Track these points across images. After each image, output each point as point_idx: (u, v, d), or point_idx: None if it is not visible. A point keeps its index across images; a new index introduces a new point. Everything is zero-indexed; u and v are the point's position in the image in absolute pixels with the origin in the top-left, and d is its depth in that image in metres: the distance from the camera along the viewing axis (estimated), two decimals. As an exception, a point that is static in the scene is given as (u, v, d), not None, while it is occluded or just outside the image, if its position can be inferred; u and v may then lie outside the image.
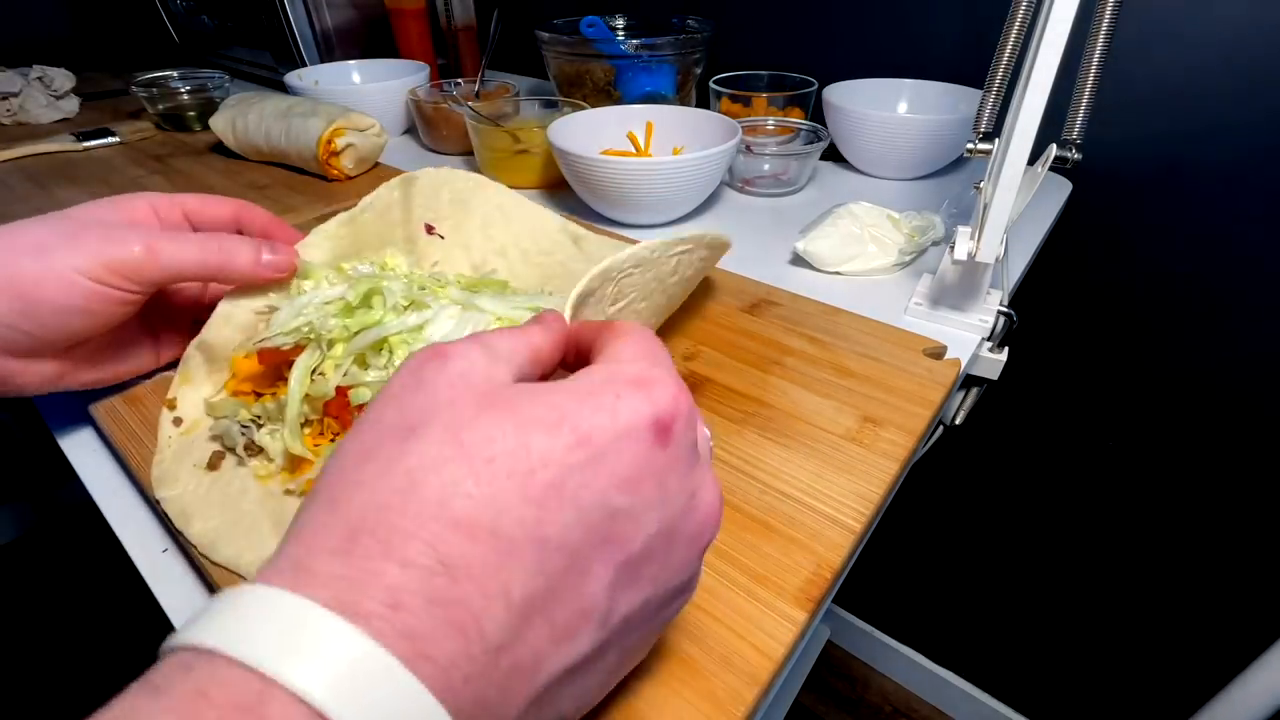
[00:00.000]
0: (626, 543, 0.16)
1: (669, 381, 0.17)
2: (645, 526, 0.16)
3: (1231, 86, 0.53)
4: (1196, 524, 0.73)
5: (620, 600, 0.16)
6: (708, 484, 0.18)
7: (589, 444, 0.15)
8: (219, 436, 0.31)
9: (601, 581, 0.15)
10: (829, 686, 1.17)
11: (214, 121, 0.68)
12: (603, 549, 0.15)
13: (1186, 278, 0.62)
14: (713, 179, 0.53)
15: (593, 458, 0.15)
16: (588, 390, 0.16)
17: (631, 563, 0.16)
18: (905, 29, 0.67)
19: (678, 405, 0.17)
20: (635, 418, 0.16)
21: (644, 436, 0.16)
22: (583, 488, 0.15)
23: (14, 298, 0.27)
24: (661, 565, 0.17)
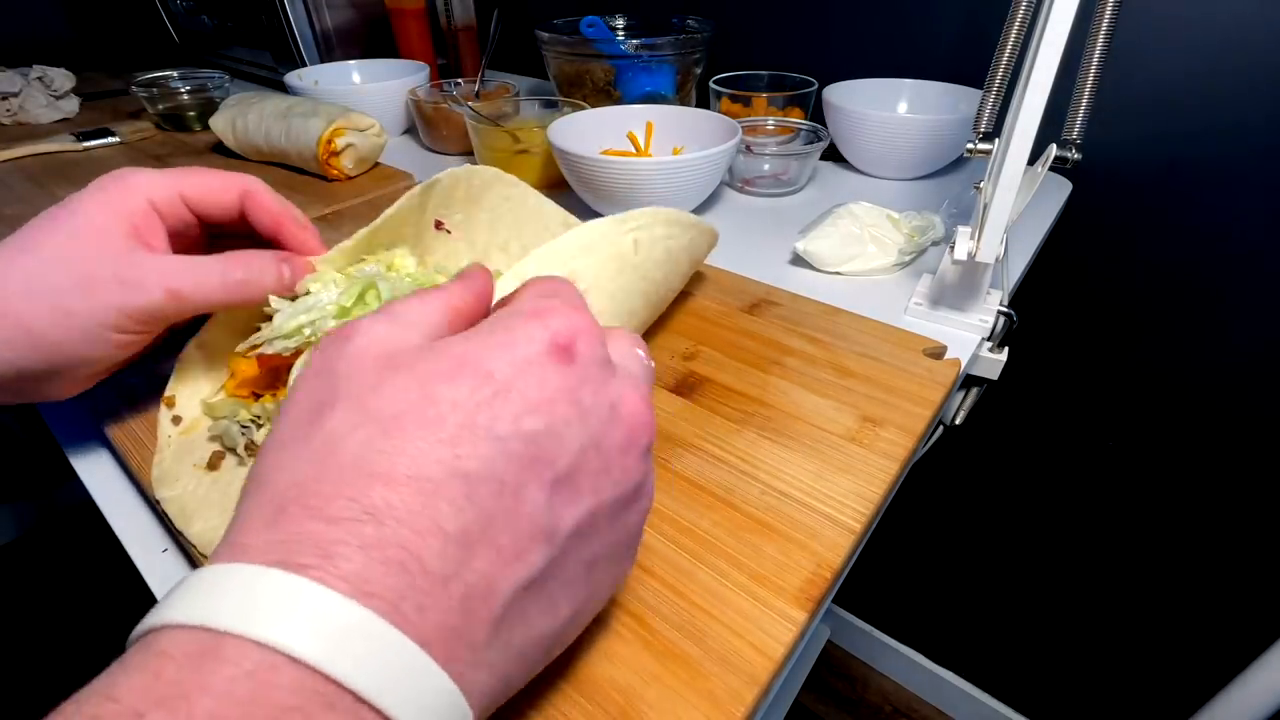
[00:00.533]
0: (553, 461, 0.16)
1: (564, 308, 0.18)
2: (568, 442, 0.17)
3: (1232, 86, 0.53)
4: (1196, 524, 0.73)
5: (563, 514, 0.17)
6: (627, 392, 0.19)
7: (491, 379, 0.16)
8: (218, 437, 0.31)
9: (537, 501, 0.16)
10: (829, 686, 1.17)
11: (214, 121, 0.68)
12: (531, 471, 0.16)
13: (1186, 277, 0.62)
14: (713, 179, 0.53)
15: (498, 391, 0.16)
16: (486, 331, 0.17)
17: (564, 478, 0.17)
18: (905, 29, 0.67)
19: (574, 326, 0.18)
20: (532, 345, 0.17)
21: (545, 360, 0.17)
22: (495, 420, 0.16)
23: (33, 348, 0.26)
24: (598, 475, 0.17)
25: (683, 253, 0.36)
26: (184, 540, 0.28)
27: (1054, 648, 0.93)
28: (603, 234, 0.30)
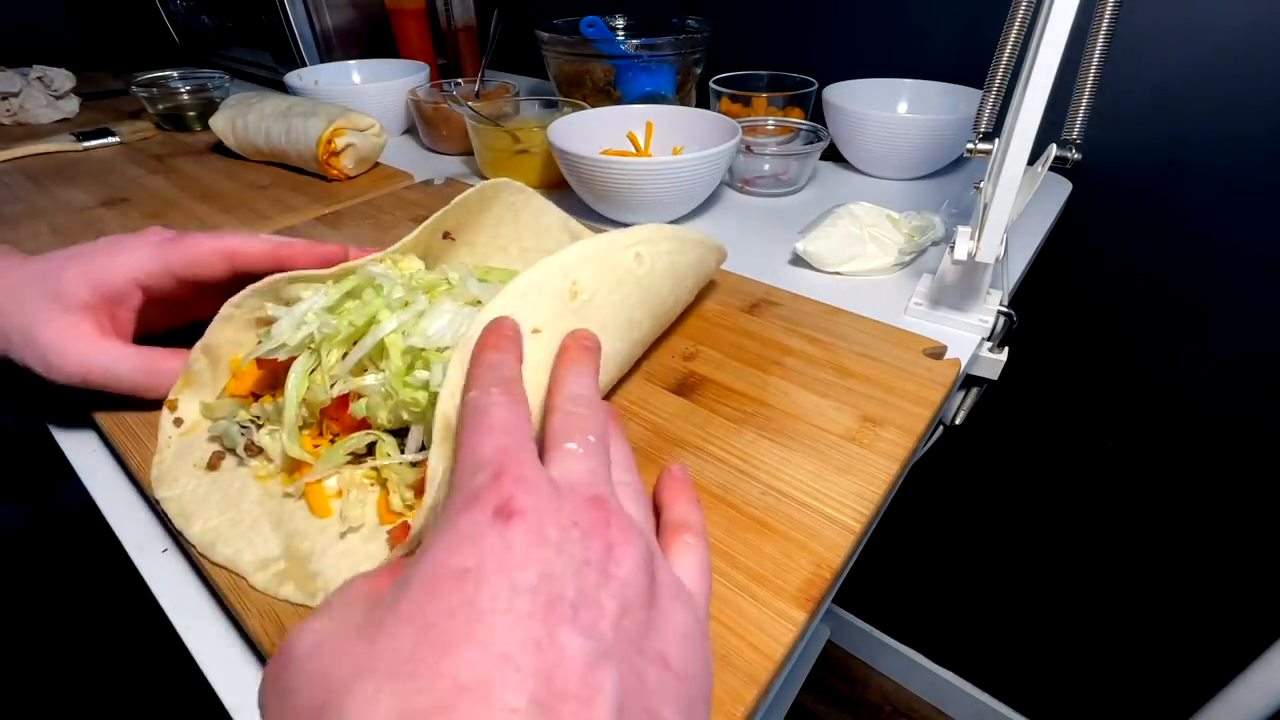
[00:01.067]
0: (560, 595, 0.17)
1: (496, 478, 0.18)
2: (562, 574, 0.17)
3: (1231, 86, 0.53)
4: (1196, 524, 0.73)
5: (601, 630, 0.17)
6: (584, 509, 0.19)
7: (466, 575, 0.16)
8: (218, 437, 0.31)
9: (573, 636, 0.16)
10: (829, 686, 1.17)
11: (214, 121, 0.68)
12: (552, 615, 0.16)
13: (1186, 277, 0.62)
14: (713, 179, 0.53)
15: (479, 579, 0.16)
16: (436, 549, 0.17)
17: (579, 603, 0.17)
18: (906, 29, 0.67)
19: (507, 488, 0.18)
20: (479, 528, 0.17)
21: (498, 530, 0.17)
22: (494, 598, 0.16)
23: None
24: (605, 585, 0.18)
25: (688, 268, 0.36)
26: (184, 540, 0.28)
27: (1054, 648, 0.93)
28: (607, 245, 0.30)
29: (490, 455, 0.19)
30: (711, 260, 0.40)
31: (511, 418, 0.21)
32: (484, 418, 0.21)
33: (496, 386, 0.22)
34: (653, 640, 0.18)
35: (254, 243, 0.33)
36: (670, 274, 0.34)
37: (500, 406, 0.21)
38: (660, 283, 0.34)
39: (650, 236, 0.33)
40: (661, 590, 0.19)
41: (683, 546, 0.23)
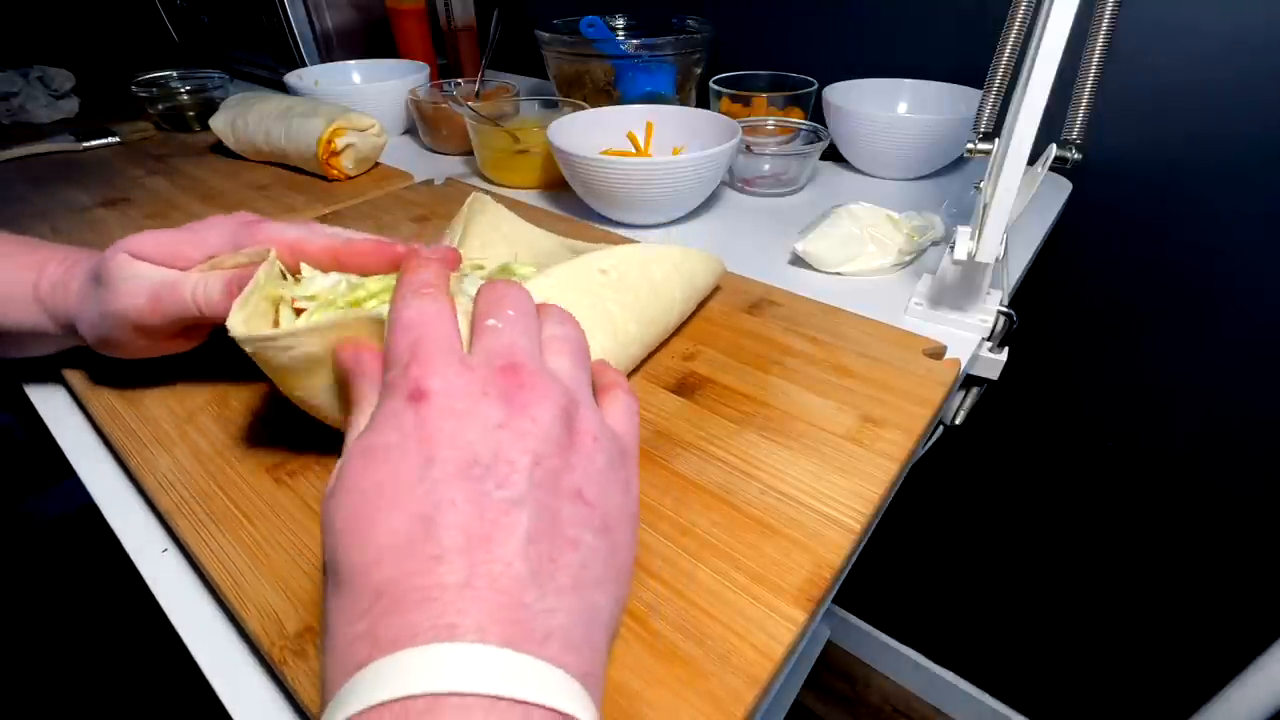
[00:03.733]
0: (469, 459, 0.19)
1: (393, 363, 0.21)
2: (467, 438, 0.19)
3: (1232, 86, 0.53)
4: (1196, 524, 0.73)
5: (508, 481, 0.19)
6: (501, 369, 0.21)
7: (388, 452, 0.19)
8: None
9: (480, 490, 0.19)
10: (829, 686, 1.17)
11: (214, 121, 0.68)
12: (461, 477, 0.19)
13: (1186, 277, 0.62)
14: (713, 179, 0.53)
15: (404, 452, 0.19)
16: (366, 432, 0.21)
17: (489, 464, 0.19)
18: (905, 29, 0.67)
19: (420, 375, 0.21)
20: (396, 413, 0.20)
21: (410, 410, 0.20)
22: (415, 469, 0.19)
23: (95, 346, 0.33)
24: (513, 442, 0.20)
25: (673, 273, 0.37)
26: (183, 541, 0.28)
27: (1054, 648, 0.93)
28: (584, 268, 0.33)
29: (403, 350, 0.22)
30: (701, 268, 0.40)
31: (419, 314, 0.23)
32: (398, 320, 0.23)
33: (411, 292, 0.23)
34: (568, 479, 0.20)
35: (317, 238, 0.31)
36: (645, 282, 0.35)
37: (411, 308, 0.23)
38: (634, 288, 0.35)
39: (626, 255, 0.35)
40: (581, 436, 0.22)
41: (610, 398, 0.26)
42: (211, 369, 0.38)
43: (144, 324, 0.31)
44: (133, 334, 0.32)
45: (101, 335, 0.32)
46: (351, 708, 0.16)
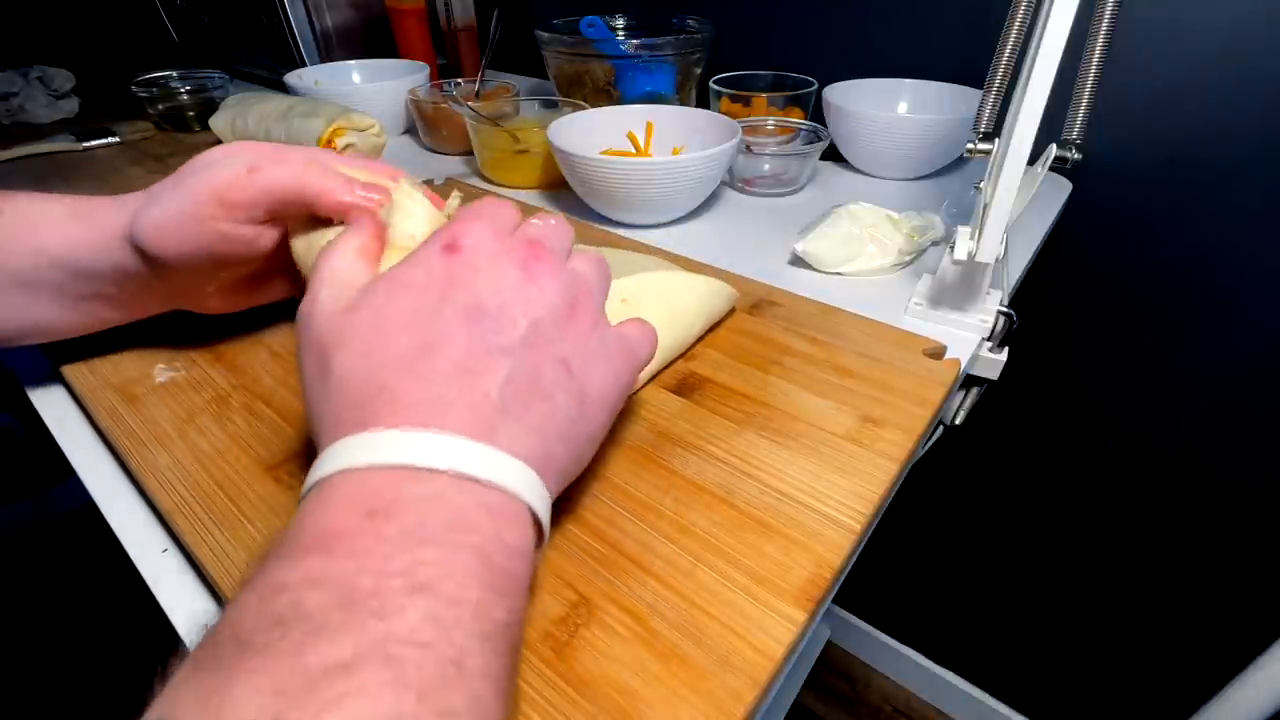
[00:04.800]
0: (475, 306, 0.22)
1: (452, 227, 0.25)
2: (481, 291, 0.23)
3: (1232, 86, 0.53)
4: (1196, 524, 0.73)
5: (505, 332, 0.22)
6: (521, 245, 0.25)
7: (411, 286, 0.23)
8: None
9: (476, 333, 0.22)
10: (829, 686, 1.17)
11: (214, 121, 0.68)
12: (465, 319, 0.22)
13: (1186, 277, 0.62)
14: (713, 179, 0.53)
15: (423, 285, 0.23)
16: (402, 265, 0.24)
17: (492, 312, 0.23)
18: (905, 29, 0.67)
19: (458, 230, 0.24)
20: (431, 256, 0.24)
21: (441, 257, 0.23)
22: (428, 304, 0.22)
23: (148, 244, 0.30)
24: (521, 303, 0.23)
25: (694, 302, 0.38)
26: (183, 541, 0.28)
27: (1054, 648, 0.93)
28: None
29: (459, 219, 0.25)
30: (722, 301, 0.40)
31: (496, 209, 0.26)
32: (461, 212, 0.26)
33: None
34: (558, 348, 0.23)
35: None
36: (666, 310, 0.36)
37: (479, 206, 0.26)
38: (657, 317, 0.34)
39: (647, 284, 0.36)
40: (580, 318, 0.25)
41: (633, 320, 0.29)
42: (211, 369, 0.38)
43: (231, 198, 0.29)
44: (206, 225, 0.30)
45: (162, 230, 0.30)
46: (340, 463, 0.19)
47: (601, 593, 0.25)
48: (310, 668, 0.14)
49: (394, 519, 0.18)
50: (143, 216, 0.30)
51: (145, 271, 0.32)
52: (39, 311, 0.33)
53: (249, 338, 0.40)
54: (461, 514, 0.19)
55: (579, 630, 0.24)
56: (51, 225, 0.31)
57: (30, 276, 0.32)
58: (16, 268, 0.31)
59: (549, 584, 0.25)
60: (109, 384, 0.36)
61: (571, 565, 0.26)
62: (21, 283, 0.32)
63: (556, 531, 0.27)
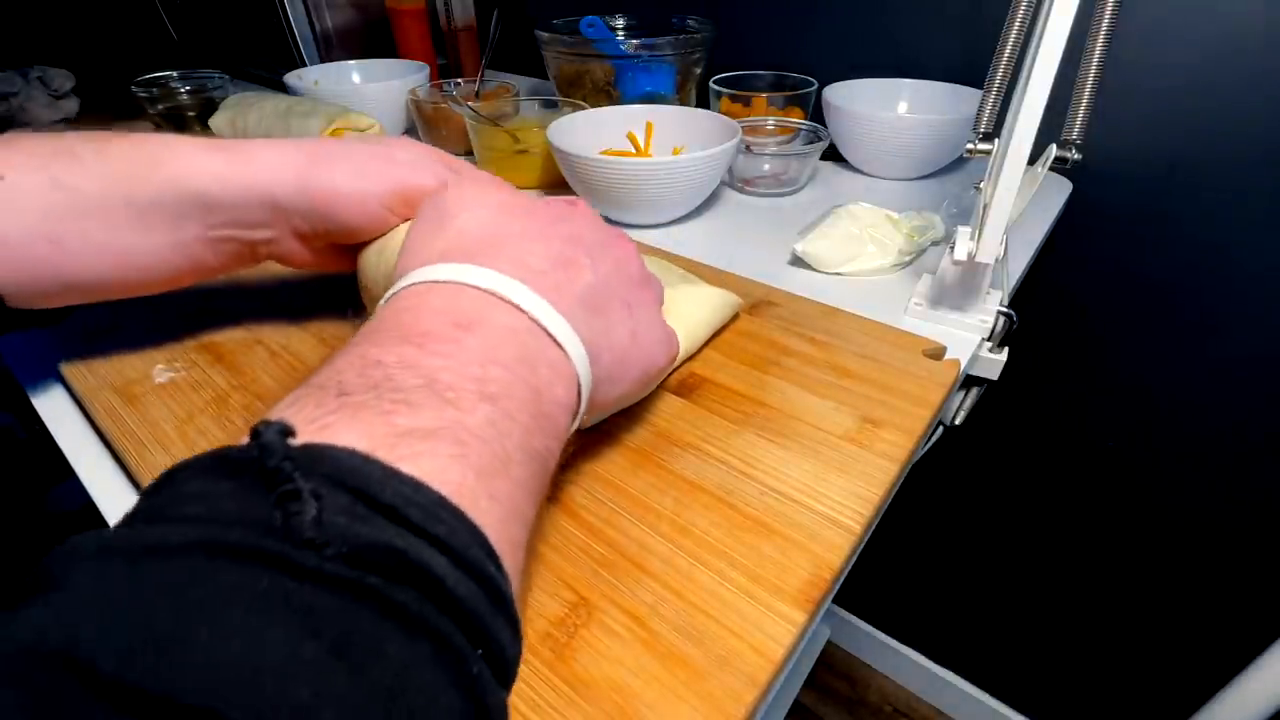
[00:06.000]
0: (578, 240, 0.27)
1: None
2: (585, 236, 0.27)
3: (1232, 86, 0.53)
4: (1196, 524, 0.73)
5: (591, 262, 0.26)
6: (614, 231, 0.30)
7: (538, 207, 0.28)
8: None
9: (577, 254, 0.26)
10: (829, 686, 1.17)
11: (214, 121, 0.68)
12: (572, 246, 0.26)
13: (1186, 277, 0.62)
14: (713, 179, 0.53)
15: (544, 208, 0.28)
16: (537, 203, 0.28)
17: (587, 248, 0.27)
18: (905, 29, 0.67)
19: (575, 200, 0.29)
20: (554, 201, 0.29)
21: (562, 204, 0.28)
22: (545, 218, 0.27)
23: (325, 200, 0.33)
24: (613, 265, 0.28)
25: (706, 311, 0.38)
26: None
27: (1054, 648, 0.93)
28: None
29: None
30: (729, 310, 0.40)
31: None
32: None
33: None
34: (629, 294, 0.28)
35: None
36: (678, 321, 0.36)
37: None
38: None
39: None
40: (647, 292, 0.30)
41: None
42: (211, 369, 0.38)
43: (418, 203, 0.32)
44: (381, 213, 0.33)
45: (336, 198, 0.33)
46: (441, 275, 0.23)
47: (601, 593, 0.25)
48: (398, 427, 0.17)
49: (476, 334, 0.21)
50: (322, 179, 0.32)
51: (279, 218, 0.33)
52: (148, 249, 0.32)
53: (249, 338, 0.40)
54: (528, 352, 0.22)
55: (578, 631, 0.24)
56: (187, 156, 0.31)
57: (154, 208, 0.31)
58: (141, 194, 0.30)
59: (548, 584, 0.25)
60: (109, 384, 0.36)
61: (570, 566, 0.26)
62: (143, 213, 0.31)
63: (555, 531, 0.27)
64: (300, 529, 0.13)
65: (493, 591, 0.15)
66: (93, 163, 0.30)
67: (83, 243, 0.30)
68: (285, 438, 0.15)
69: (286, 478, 0.14)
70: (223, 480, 0.14)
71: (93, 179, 0.30)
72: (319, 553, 0.13)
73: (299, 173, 0.32)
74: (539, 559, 0.26)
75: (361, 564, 0.13)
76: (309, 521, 0.13)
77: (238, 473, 0.14)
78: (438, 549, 0.14)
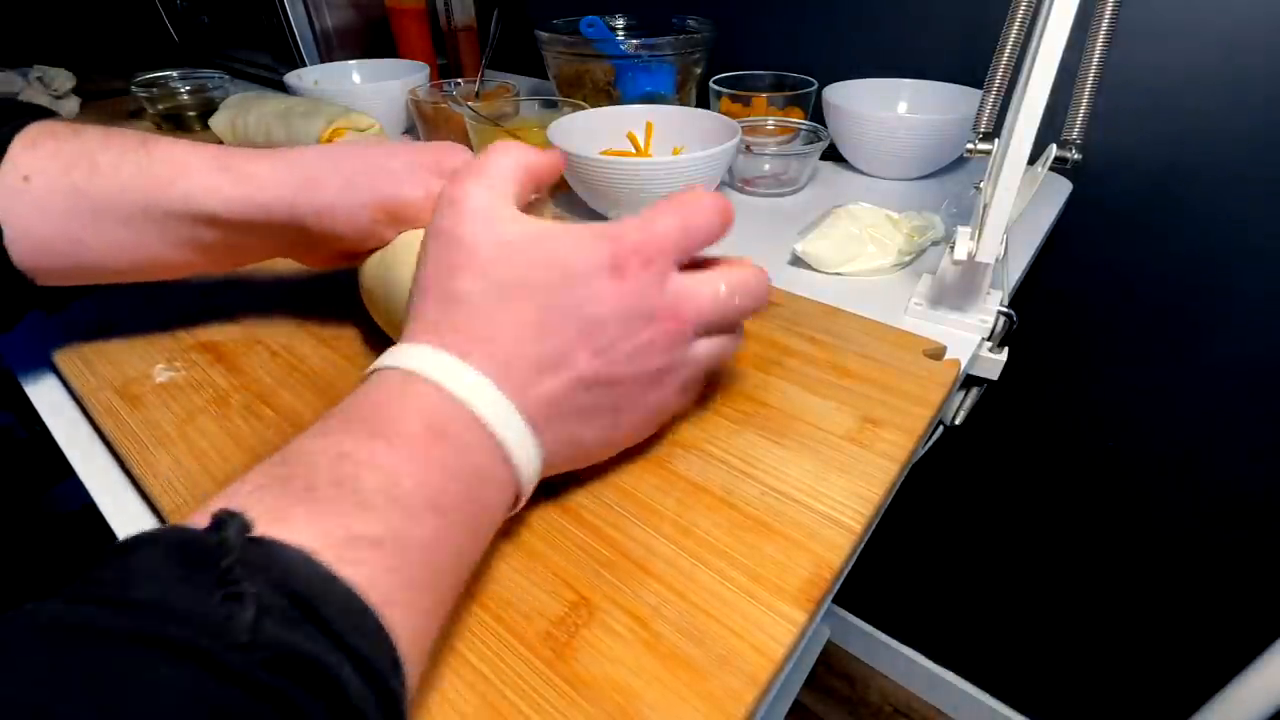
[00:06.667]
0: (596, 337, 0.25)
1: (632, 235, 0.26)
2: (610, 329, 0.25)
3: (1232, 86, 0.53)
4: (1196, 524, 0.73)
5: (598, 371, 0.25)
6: (668, 305, 0.26)
7: (571, 276, 0.24)
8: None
9: (580, 358, 0.25)
10: (829, 686, 1.17)
11: (214, 121, 0.68)
12: (581, 339, 0.24)
13: (1187, 277, 0.62)
14: (712, 179, 0.53)
15: (571, 286, 0.24)
16: (576, 235, 0.25)
17: (602, 350, 0.25)
18: (905, 29, 0.67)
19: (633, 248, 0.25)
20: (598, 258, 0.25)
21: (604, 272, 0.25)
22: (567, 304, 0.24)
23: (318, 216, 0.33)
24: (628, 355, 0.25)
25: None
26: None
27: (1054, 648, 0.93)
28: None
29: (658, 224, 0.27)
30: None
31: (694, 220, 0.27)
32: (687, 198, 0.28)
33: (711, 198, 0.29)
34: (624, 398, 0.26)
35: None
36: None
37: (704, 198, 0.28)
38: None
39: None
40: (656, 390, 0.27)
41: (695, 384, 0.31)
42: (211, 369, 0.38)
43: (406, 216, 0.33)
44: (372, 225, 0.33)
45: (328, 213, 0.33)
46: (429, 370, 0.23)
47: (601, 593, 0.25)
48: (350, 530, 0.18)
49: (444, 445, 0.22)
50: (313, 198, 0.32)
51: (279, 230, 0.34)
52: (165, 248, 0.34)
53: (249, 338, 0.40)
54: (484, 472, 0.23)
55: (579, 630, 0.24)
56: (197, 175, 0.32)
57: (169, 218, 0.32)
58: (155, 206, 0.32)
59: (549, 584, 0.25)
60: (109, 384, 0.36)
61: (571, 565, 0.26)
62: (159, 221, 0.32)
63: (555, 531, 0.27)
64: (236, 633, 0.14)
65: (389, 704, 0.17)
66: (110, 173, 0.31)
67: (102, 241, 0.32)
68: (244, 534, 0.16)
69: (234, 580, 0.15)
70: (177, 567, 0.16)
71: (110, 189, 0.31)
72: (247, 654, 0.14)
73: (292, 191, 0.32)
74: (539, 558, 0.26)
75: (282, 669, 0.15)
76: (245, 625, 0.15)
77: (192, 564, 0.16)
78: (351, 662, 0.16)
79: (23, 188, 0.31)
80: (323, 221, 0.33)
